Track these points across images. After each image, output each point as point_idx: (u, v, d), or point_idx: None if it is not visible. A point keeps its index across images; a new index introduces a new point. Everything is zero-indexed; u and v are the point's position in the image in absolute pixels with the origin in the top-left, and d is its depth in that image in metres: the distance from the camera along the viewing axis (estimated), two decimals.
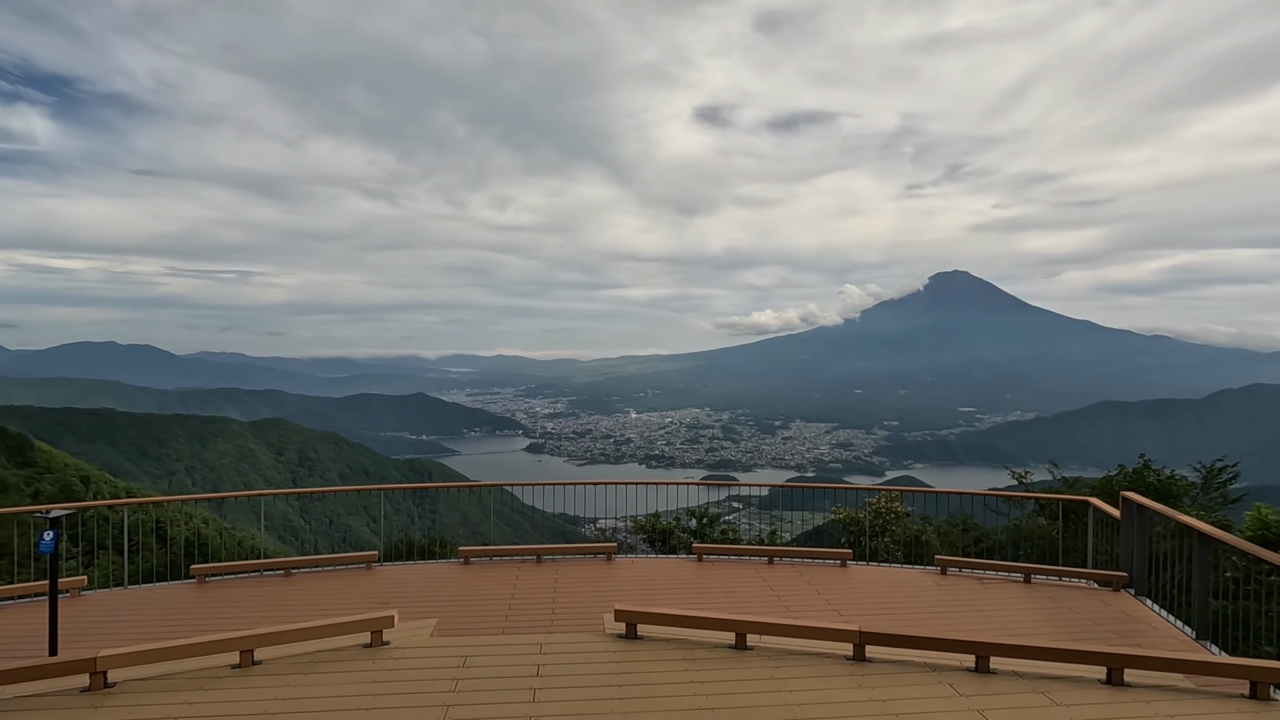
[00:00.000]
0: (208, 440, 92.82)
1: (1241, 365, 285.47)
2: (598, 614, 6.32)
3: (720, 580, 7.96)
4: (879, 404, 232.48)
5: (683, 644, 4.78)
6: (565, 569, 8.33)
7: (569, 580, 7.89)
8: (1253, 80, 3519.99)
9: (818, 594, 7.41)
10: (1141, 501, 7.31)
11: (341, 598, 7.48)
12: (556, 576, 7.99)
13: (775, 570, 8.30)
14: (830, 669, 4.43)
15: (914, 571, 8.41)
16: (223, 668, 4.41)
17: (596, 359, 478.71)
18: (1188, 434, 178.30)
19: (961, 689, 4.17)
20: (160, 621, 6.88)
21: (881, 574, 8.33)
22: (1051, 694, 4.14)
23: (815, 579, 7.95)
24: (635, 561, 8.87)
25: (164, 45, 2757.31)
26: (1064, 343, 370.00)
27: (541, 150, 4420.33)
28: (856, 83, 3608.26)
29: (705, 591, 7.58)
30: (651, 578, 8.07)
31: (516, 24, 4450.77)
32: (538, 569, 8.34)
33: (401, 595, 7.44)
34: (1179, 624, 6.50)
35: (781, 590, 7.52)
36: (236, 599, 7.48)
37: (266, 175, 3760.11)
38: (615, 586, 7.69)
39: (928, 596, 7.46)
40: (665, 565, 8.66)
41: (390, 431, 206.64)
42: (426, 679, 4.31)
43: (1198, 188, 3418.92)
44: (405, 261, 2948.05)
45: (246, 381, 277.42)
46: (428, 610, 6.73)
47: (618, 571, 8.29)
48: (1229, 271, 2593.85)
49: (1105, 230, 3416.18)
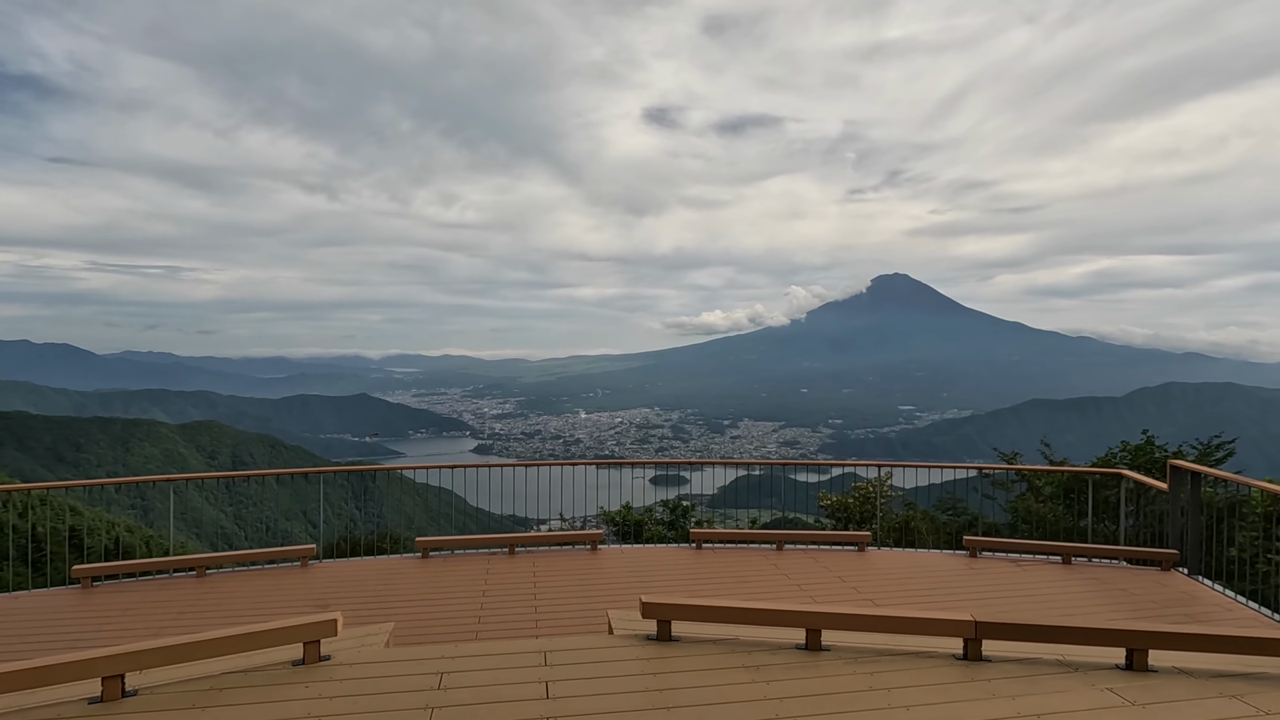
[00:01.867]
0: (131, 444, 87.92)
1: (1157, 365, 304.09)
2: (592, 611, 5.70)
3: (727, 568, 7.12)
4: (824, 403, 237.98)
5: (735, 645, 3.57)
6: (544, 561, 7.39)
7: (550, 573, 6.95)
8: (1165, 97, 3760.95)
9: (842, 580, 6.68)
10: (1199, 469, 6.76)
11: (269, 601, 6.33)
12: (535, 570, 7.06)
13: (787, 556, 7.50)
14: (941, 672, 3.33)
15: (940, 555, 7.76)
16: (77, 701, 2.97)
17: (545, 359, 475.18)
18: (1109, 430, 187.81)
19: (1126, 694, 3.08)
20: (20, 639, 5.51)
21: (905, 558, 7.62)
22: (1247, 698, 3.01)
23: (834, 565, 7.19)
24: (624, 551, 7.94)
25: (82, 26, 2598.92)
26: (996, 343, 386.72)
27: (488, 147, 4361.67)
28: (801, 88, 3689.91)
29: (713, 580, 6.78)
30: (646, 568, 7.24)
31: (461, 17, 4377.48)
32: (511, 562, 7.37)
33: (347, 596, 6.36)
34: (1256, 605, 5.84)
35: (800, 578, 6.77)
36: (130, 606, 6.17)
37: (196, 166, 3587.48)
38: (606, 579, 6.84)
39: (964, 581, 6.76)
40: (659, 554, 7.78)
41: (331, 433, 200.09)
42: (387, 708, 2.93)
43: (1117, 197, 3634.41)
44: (346, 258, 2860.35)
45: (175, 382, 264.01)
46: (381, 613, 5.71)
47: (605, 562, 7.39)
48: (1145, 276, 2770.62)
49: (1033, 236, 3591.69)
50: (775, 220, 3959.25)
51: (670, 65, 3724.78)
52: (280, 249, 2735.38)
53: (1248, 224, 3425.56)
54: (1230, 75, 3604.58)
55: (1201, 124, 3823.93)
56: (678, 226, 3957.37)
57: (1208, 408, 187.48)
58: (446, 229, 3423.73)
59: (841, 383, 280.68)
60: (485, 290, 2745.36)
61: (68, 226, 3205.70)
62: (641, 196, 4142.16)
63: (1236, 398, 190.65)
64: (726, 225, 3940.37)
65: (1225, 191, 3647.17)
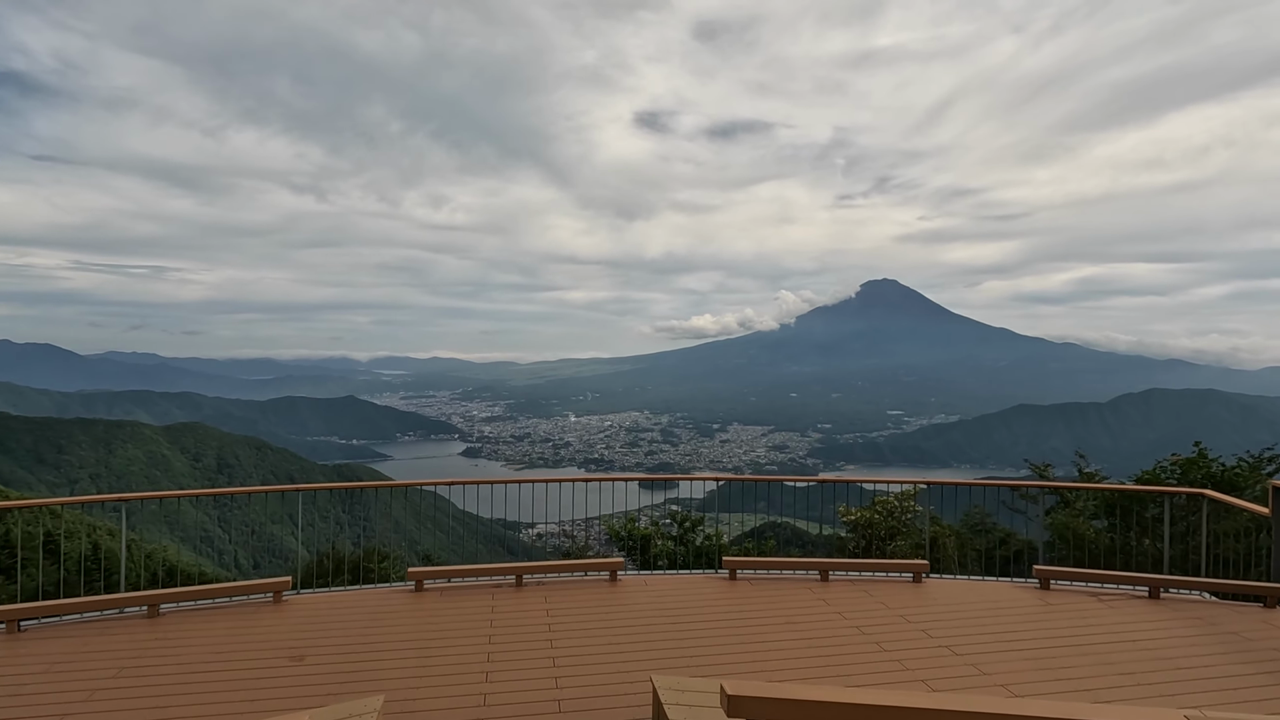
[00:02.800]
0: (114, 446, 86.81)
1: (1140, 371, 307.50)
2: (626, 668, 4.78)
3: (769, 604, 6.23)
4: (813, 407, 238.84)
5: None
6: (558, 595, 6.43)
7: (566, 611, 5.97)
8: (1148, 108, 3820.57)
9: (906, 620, 5.78)
10: None
11: (233, 649, 5.22)
12: (548, 606, 6.10)
13: (834, 589, 6.60)
14: None
15: (1006, 586, 6.87)
16: None
17: (535, 361, 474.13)
18: (1093, 435, 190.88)
19: None
20: None
21: (969, 590, 6.69)
22: None
23: (891, 599, 6.34)
24: (648, 582, 6.93)
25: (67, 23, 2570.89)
26: (984, 349, 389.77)
27: (478, 149, 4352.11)
28: (791, 94, 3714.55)
29: (756, 621, 5.83)
30: (677, 604, 6.23)
31: (453, 19, 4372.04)
32: (519, 596, 6.41)
33: (327, 642, 5.34)
34: None
35: (857, 617, 5.87)
36: (61, 658, 4.99)
37: (183, 165, 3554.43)
38: (633, 620, 5.83)
39: (1046, 622, 5.82)
40: (689, 585, 6.79)
41: (318, 435, 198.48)
42: None
43: (1101, 205, 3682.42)
44: (335, 259, 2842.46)
45: (159, 383, 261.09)
46: (367, 668, 4.79)
47: (628, 596, 6.44)
48: (1129, 284, 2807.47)
49: (1020, 243, 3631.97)
50: (765, 225, 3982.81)
51: (661, 70, 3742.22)
52: (268, 250, 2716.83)
53: (1229, 233, 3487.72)
54: (1212, 86, 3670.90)
55: (1184, 134, 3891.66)
56: (668, 230, 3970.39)
57: (1190, 414, 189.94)
58: (436, 231, 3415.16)
59: (830, 387, 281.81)
60: (475, 293, 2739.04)
61: (51, 225, 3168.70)
62: (632, 200, 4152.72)
63: (1218, 404, 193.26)
64: (717, 230, 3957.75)
65: (1207, 201, 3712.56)
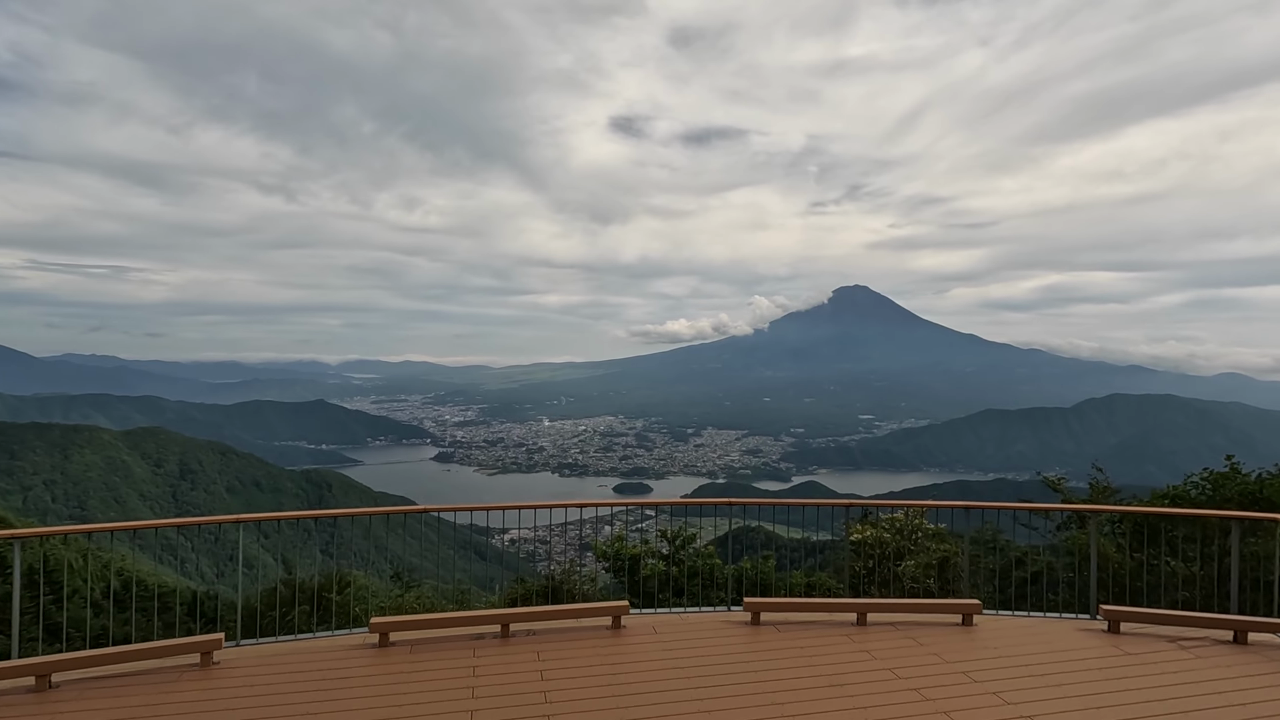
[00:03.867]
0: (71, 452, 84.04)
1: (1102, 377, 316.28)
2: None
3: (803, 657, 5.30)
4: (786, 411, 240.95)
5: None
6: (552, 649, 5.43)
7: (564, 672, 5.01)
8: (1109, 121, 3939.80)
9: (970, 679, 4.87)
10: None
11: None
12: (541, 665, 5.13)
13: (875, 636, 5.71)
14: None
15: (1065, 625, 6.06)
16: None
17: (509, 365, 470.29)
18: (1058, 439, 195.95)
19: None
20: None
21: (1028, 634, 5.83)
22: None
23: (944, 649, 5.44)
24: (657, 628, 5.91)
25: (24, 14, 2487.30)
26: (952, 354, 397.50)
27: (452, 151, 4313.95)
28: (765, 102, 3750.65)
29: (792, 681, 4.87)
30: (694, 659, 5.28)
31: (426, 20, 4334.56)
32: (506, 652, 5.40)
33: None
34: None
35: (911, 675, 4.95)
36: None
37: (146, 163, 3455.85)
38: (645, 684, 4.86)
39: (1125, 675, 5.01)
40: (704, 630, 5.86)
41: (285, 440, 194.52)
42: None
43: (1065, 215, 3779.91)
44: (304, 261, 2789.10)
45: (120, 386, 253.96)
46: None
47: (635, 648, 5.49)
48: (1091, 291, 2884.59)
49: (987, 251, 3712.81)
50: (739, 231, 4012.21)
51: (636, 75, 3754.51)
52: (234, 250, 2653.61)
53: (1185, 243, 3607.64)
54: (1169, 101, 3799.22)
55: (1144, 147, 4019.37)
56: (643, 235, 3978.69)
57: (1149, 418, 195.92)
58: (408, 233, 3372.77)
59: (804, 392, 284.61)
60: (448, 296, 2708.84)
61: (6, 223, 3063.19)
62: (607, 205, 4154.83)
63: (1175, 409, 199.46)
64: (691, 235, 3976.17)
65: (1165, 212, 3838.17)
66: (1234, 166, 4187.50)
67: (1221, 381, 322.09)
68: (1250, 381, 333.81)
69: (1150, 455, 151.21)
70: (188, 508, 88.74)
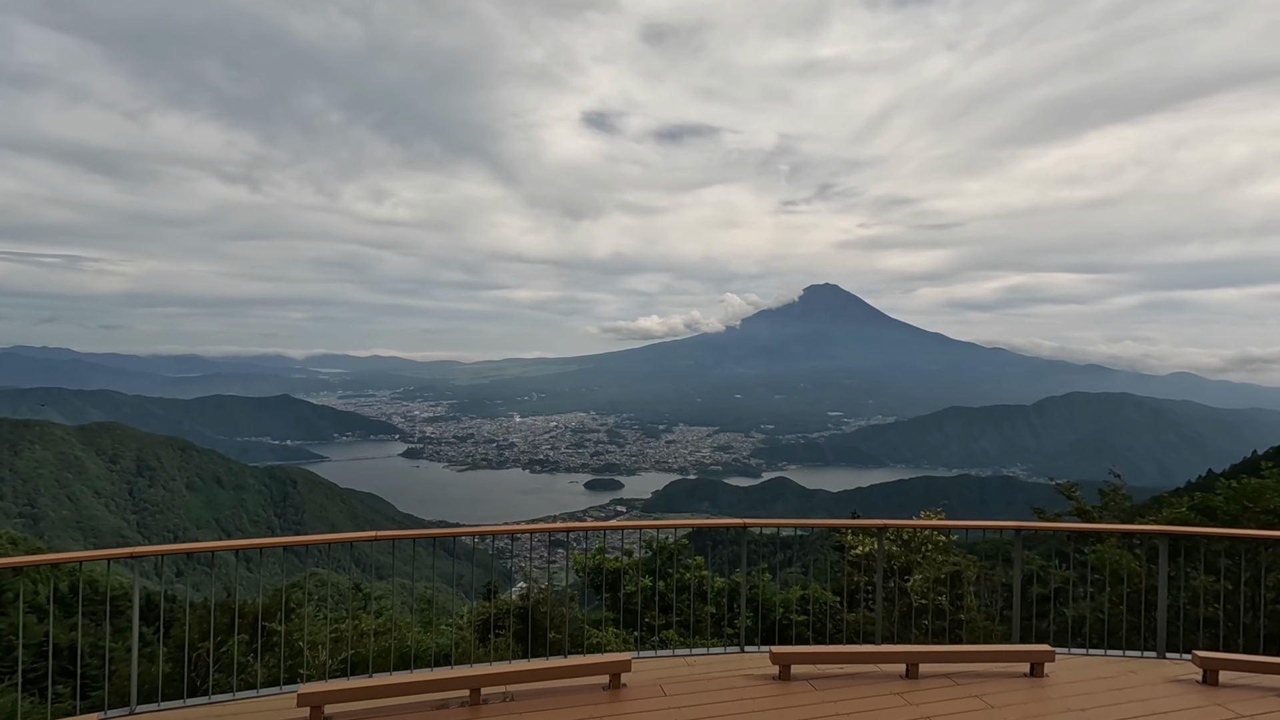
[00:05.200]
0: (20, 448, 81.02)
1: (1062, 376, 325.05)
2: None
3: None
4: (757, 408, 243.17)
5: None
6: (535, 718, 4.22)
7: None
8: (1070, 126, 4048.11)
9: None
10: None
11: None
12: None
13: (929, 692, 4.63)
14: None
15: (1150, 674, 5.05)
16: None
17: (479, 361, 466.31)
18: (1019, 436, 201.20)
19: None
20: None
21: (1107, 686, 4.86)
22: None
23: (1011, 706, 4.46)
24: (664, 687, 4.72)
25: None
26: (919, 353, 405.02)
27: (422, 143, 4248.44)
28: (737, 100, 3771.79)
29: None
30: None
31: (396, 9, 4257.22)
32: None
33: None
34: None
35: None
36: None
37: (102, 149, 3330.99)
38: None
39: None
40: (724, 687, 4.75)
41: (249, 436, 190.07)
42: None
43: (1027, 217, 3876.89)
44: (268, 253, 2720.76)
45: (73, 380, 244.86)
46: None
47: (639, 718, 4.36)
48: (1052, 292, 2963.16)
49: (952, 251, 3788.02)
50: (711, 228, 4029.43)
51: (609, 71, 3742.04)
52: (195, 241, 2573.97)
53: (1140, 247, 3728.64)
54: (1126, 109, 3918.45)
55: (1103, 152, 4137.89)
56: (615, 231, 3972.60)
57: (1107, 416, 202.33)
58: (377, 226, 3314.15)
59: (774, 389, 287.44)
60: (417, 290, 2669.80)
61: None
62: (579, 200, 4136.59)
63: (1131, 407, 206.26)
64: (664, 232, 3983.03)
65: (1122, 216, 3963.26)
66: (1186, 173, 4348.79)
67: (1174, 381, 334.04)
68: (1201, 381, 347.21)
69: (1107, 452, 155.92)
70: (144, 505, 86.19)
